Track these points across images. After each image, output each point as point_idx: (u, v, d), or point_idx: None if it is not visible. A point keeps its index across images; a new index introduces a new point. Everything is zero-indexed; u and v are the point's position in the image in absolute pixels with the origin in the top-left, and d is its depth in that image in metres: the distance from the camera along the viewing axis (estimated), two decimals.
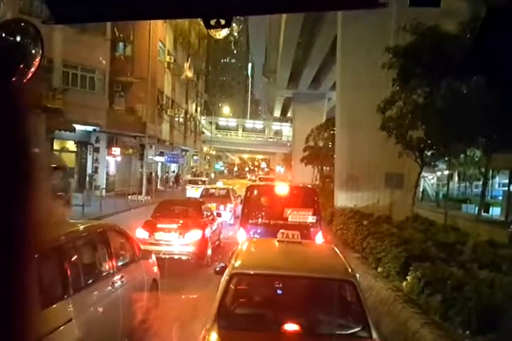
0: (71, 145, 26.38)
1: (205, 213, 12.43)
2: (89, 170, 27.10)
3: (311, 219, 9.91)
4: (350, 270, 4.68)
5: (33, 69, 1.21)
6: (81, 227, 5.71)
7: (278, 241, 5.83)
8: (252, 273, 4.74)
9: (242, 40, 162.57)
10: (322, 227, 10.43)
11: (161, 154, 37.17)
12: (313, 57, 41.77)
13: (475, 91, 8.44)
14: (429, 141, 11.24)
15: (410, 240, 9.10)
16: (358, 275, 4.79)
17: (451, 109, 9.10)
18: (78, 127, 23.63)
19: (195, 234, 10.86)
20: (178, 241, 10.68)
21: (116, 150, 28.74)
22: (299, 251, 5.65)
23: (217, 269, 5.51)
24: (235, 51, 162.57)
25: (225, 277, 4.50)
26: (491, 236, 10.66)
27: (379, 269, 8.57)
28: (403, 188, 14.67)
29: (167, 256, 9.92)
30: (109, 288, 5.46)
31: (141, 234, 10.49)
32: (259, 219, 10.35)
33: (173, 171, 46.01)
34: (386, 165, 14.80)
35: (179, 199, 19.36)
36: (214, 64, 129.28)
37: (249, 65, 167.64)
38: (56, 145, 26.10)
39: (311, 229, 9.92)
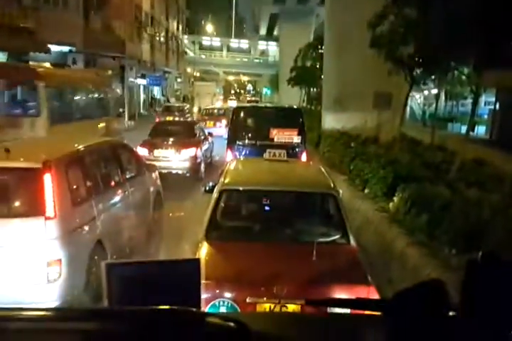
0: None
1: (197, 133, 13.44)
2: None
3: (296, 139, 9.94)
4: (332, 185, 4.92)
5: None
6: (95, 141, 6.46)
7: (265, 159, 6.12)
8: (240, 189, 4.96)
9: None
10: (307, 147, 10.64)
11: (143, 76, 35.94)
12: None
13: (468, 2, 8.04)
14: (419, 58, 10.87)
15: (397, 160, 9.03)
16: (340, 191, 5.07)
17: (443, 23, 8.67)
18: (53, 48, 22.33)
19: (190, 151, 11.95)
20: (175, 157, 11.78)
21: None
22: (285, 169, 5.87)
23: (207, 188, 5.75)
24: None
25: (214, 194, 4.72)
26: (477, 154, 10.69)
27: (366, 191, 8.54)
28: (391, 108, 14.38)
29: (165, 171, 10.81)
30: (122, 195, 6.28)
31: (141, 151, 11.28)
32: (246, 140, 10.57)
33: (159, 95, 44.83)
34: (375, 85, 14.33)
35: (174, 120, 21.78)
36: None
37: None
38: None
39: (297, 149, 10.16)
